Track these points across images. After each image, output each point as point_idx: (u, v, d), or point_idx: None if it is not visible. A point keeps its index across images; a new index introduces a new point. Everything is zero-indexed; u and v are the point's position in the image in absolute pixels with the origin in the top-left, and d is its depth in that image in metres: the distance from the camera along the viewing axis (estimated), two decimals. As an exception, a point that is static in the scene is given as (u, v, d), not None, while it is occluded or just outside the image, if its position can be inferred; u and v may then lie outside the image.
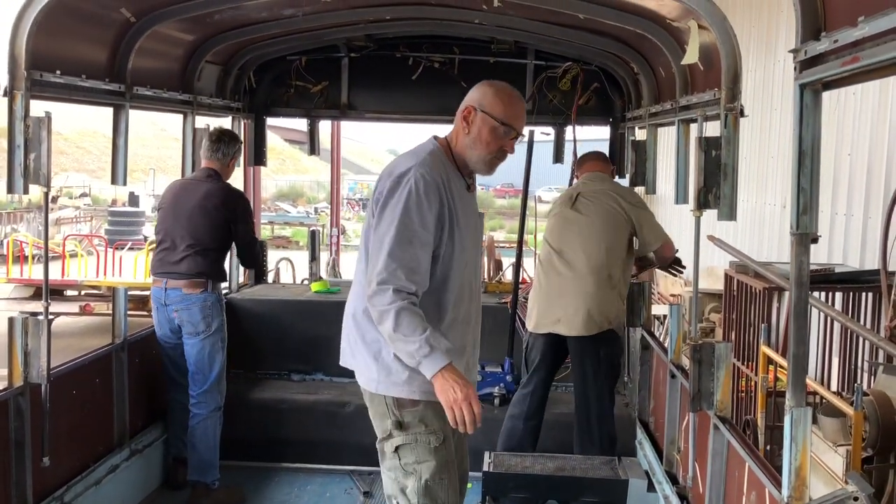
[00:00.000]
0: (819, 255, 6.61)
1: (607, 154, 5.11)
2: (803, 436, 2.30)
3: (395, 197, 2.64)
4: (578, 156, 5.07)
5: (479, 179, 3.05)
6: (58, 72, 3.37)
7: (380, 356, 2.73)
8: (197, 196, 4.45)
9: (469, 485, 4.76)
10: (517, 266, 5.63)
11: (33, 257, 14.36)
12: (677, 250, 4.65)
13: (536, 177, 5.38)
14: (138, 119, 4.19)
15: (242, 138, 5.75)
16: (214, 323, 4.47)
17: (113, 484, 4.14)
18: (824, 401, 4.78)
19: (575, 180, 4.91)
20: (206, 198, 4.44)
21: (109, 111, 4.16)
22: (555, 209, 4.67)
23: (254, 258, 4.83)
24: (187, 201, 4.46)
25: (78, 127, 41.54)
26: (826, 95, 2.26)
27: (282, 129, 46.60)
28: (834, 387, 5.44)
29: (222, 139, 4.58)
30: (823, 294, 5.62)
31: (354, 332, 2.81)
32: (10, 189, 3.16)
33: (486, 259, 14.90)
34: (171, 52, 4.65)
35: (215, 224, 4.45)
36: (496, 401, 5.06)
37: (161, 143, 43.10)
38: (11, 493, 3.31)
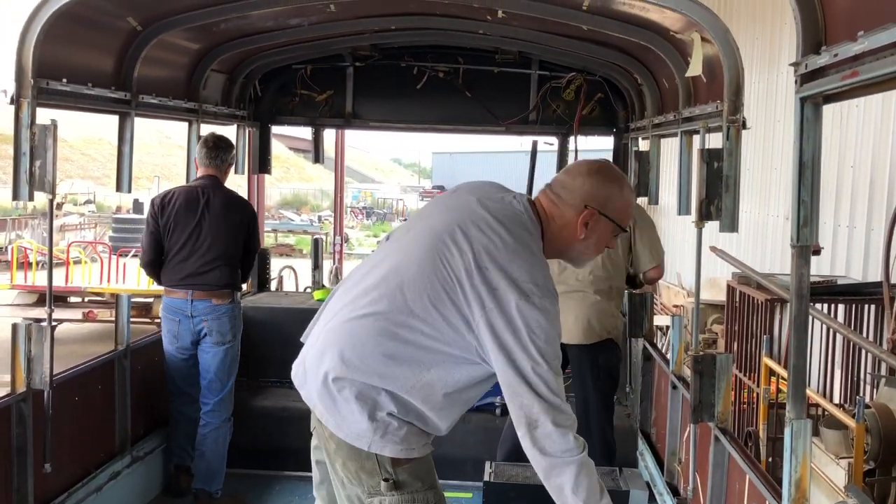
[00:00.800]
0: (822, 267, 6.60)
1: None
2: (803, 448, 2.30)
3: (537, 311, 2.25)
4: None
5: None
6: (64, 80, 3.39)
7: (375, 414, 2.24)
8: (217, 207, 4.42)
9: (469, 495, 4.78)
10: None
11: (37, 264, 14.40)
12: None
13: (537, 186, 5.39)
14: (143, 126, 4.21)
15: (247, 146, 5.78)
16: (239, 332, 4.55)
17: (114, 490, 4.14)
18: (826, 413, 4.77)
19: None
20: (230, 209, 4.45)
21: (115, 119, 4.18)
22: None
23: (251, 268, 4.87)
24: (205, 211, 4.40)
25: (83, 134, 41.71)
26: (828, 107, 2.27)
27: (286, 138, 46.75)
28: (836, 399, 5.43)
29: (219, 146, 4.55)
30: (826, 306, 5.62)
31: (344, 385, 2.28)
32: (16, 196, 3.19)
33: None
34: (177, 61, 4.67)
35: (238, 236, 4.50)
36: (498, 410, 5.06)
37: (166, 151, 43.24)
38: (13, 499, 3.32)
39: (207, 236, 4.39)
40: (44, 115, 3.23)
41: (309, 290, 6.34)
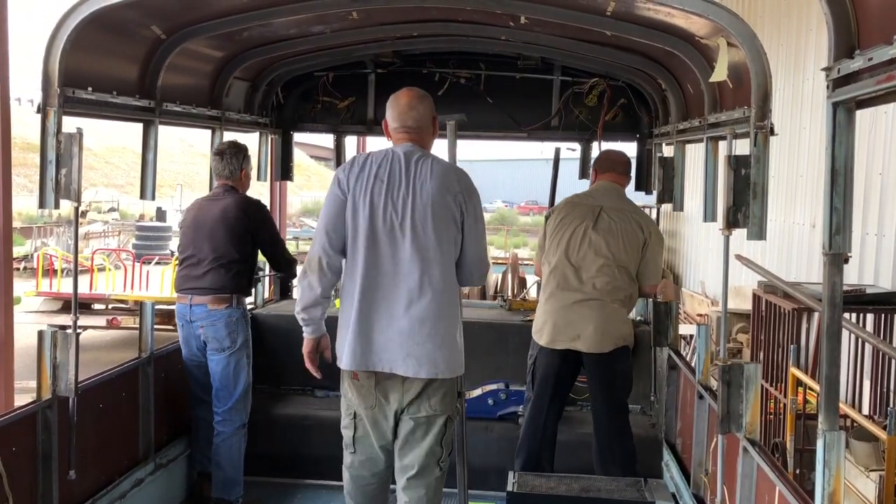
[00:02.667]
0: (850, 276, 6.51)
1: (632, 169, 5.01)
2: (837, 460, 2.25)
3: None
4: (602, 151, 4.94)
5: (503, 196, 3.07)
6: (89, 88, 3.42)
7: (455, 340, 3.27)
8: (216, 210, 4.46)
9: (492, 505, 4.75)
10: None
11: (62, 271, 14.55)
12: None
13: (559, 195, 5.36)
14: (166, 135, 4.24)
15: (269, 154, 5.79)
16: (239, 339, 4.46)
17: (138, 498, 4.15)
18: (856, 424, 4.69)
19: (591, 182, 4.79)
20: (225, 210, 4.45)
21: (138, 127, 4.21)
22: (572, 219, 4.51)
23: (287, 263, 4.73)
24: (208, 217, 4.46)
25: (107, 143, 42.18)
26: (858, 114, 2.22)
27: (307, 146, 46.97)
28: (865, 410, 5.35)
29: (227, 154, 4.54)
30: (854, 315, 5.54)
31: (441, 323, 3.21)
32: (42, 204, 3.21)
33: (509, 276, 14.86)
34: (201, 69, 4.70)
35: (236, 235, 4.43)
36: (521, 420, 5.01)
37: (189, 159, 43.60)
38: None
39: (204, 241, 4.42)
40: (70, 124, 3.26)
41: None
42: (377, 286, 3.24)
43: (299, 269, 3.84)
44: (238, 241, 4.43)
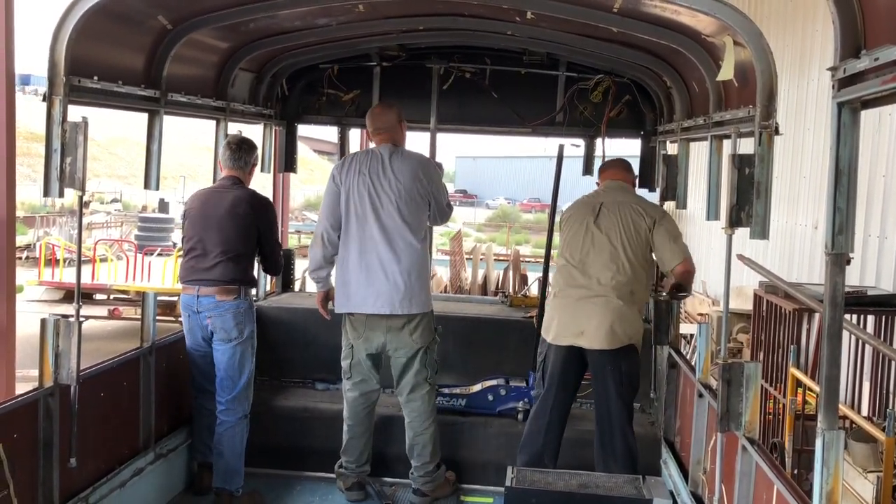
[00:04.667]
0: (851, 278, 6.51)
1: (636, 166, 5.04)
2: (835, 460, 2.25)
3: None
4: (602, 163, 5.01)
5: (506, 193, 3.09)
6: (95, 77, 3.42)
7: (428, 284, 4.45)
8: (226, 203, 4.47)
9: (490, 500, 4.77)
10: (544, 281, 5.59)
11: (64, 261, 14.57)
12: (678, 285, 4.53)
13: (562, 192, 5.36)
14: (169, 126, 4.24)
15: (273, 145, 5.80)
16: (246, 330, 4.49)
17: (137, 487, 4.17)
18: (854, 425, 4.70)
19: (595, 187, 4.85)
20: (236, 204, 4.47)
21: (141, 118, 4.21)
22: (575, 217, 4.59)
23: (277, 265, 4.84)
24: (217, 209, 4.47)
25: (110, 133, 42.19)
26: (863, 115, 2.23)
27: (310, 140, 47.00)
28: (864, 411, 5.35)
29: (242, 147, 4.58)
30: (855, 317, 5.54)
31: (423, 273, 4.43)
32: (47, 192, 3.21)
33: (510, 272, 14.87)
34: (206, 59, 4.70)
35: (245, 230, 4.46)
36: (520, 415, 5.03)
37: (192, 152, 43.61)
38: (38, 492, 3.34)
39: (213, 232, 4.43)
40: (75, 113, 3.26)
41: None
42: (366, 251, 4.37)
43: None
44: (246, 236, 4.48)
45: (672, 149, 5.10)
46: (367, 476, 4.69)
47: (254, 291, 4.89)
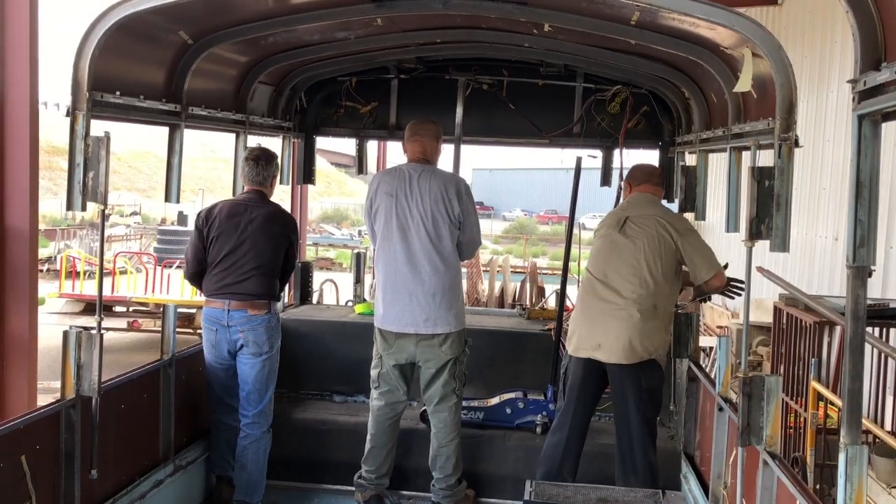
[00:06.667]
0: (873, 290, 6.45)
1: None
2: (859, 475, 2.23)
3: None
4: (632, 166, 4.92)
5: (523, 205, 3.09)
6: (117, 92, 3.46)
7: (461, 302, 4.53)
8: (259, 219, 4.47)
9: (509, 513, 4.74)
10: (562, 293, 5.58)
11: (85, 273, 14.70)
12: (728, 280, 4.53)
13: (580, 204, 5.35)
14: (188, 140, 4.28)
15: (292, 158, 5.84)
16: (276, 343, 4.54)
17: (156, 499, 4.18)
18: (878, 440, 4.64)
19: (622, 196, 4.83)
20: (271, 221, 4.50)
21: (161, 131, 4.25)
22: (601, 230, 4.60)
23: (285, 282, 4.90)
24: (249, 224, 4.46)
25: (130, 147, 42.61)
26: (884, 127, 2.21)
27: (328, 153, 47.20)
28: (888, 426, 5.29)
29: (261, 160, 4.58)
30: (877, 330, 5.48)
31: (449, 294, 4.42)
32: (70, 206, 3.26)
33: (528, 285, 14.83)
34: (226, 73, 4.75)
35: (278, 247, 4.52)
36: (538, 429, 5.00)
37: (210, 165, 43.96)
38: (60, 503, 3.36)
39: (247, 247, 4.44)
40: (98, 128, 3.31)
41: (350, 303, 6.37)
42: (391, 272, 4.43)
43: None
44: (279, 251, 4.54)
45: (690, 160, 5.08)
46: (385, 489, 4.67)
47: (278, 305, 4.92)
